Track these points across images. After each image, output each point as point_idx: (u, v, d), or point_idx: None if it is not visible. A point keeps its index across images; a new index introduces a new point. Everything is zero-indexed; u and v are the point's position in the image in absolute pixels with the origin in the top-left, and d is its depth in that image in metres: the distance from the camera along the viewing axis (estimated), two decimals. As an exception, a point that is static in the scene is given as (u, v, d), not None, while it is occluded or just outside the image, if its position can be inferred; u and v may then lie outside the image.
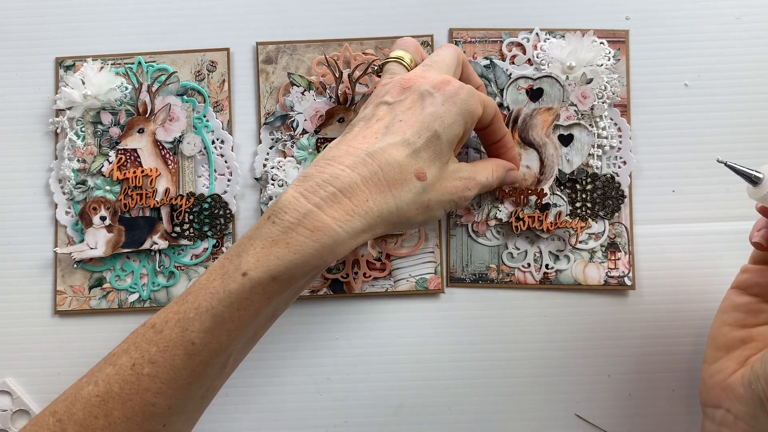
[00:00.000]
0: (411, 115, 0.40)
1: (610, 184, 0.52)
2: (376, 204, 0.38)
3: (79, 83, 0.52)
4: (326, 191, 0.37)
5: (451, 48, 0.45)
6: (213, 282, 0.37)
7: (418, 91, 0.41)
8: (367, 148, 0.38)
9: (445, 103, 0.40)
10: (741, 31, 0.53)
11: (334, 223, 0.36)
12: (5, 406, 0.52)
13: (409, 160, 0.39)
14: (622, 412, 0.51)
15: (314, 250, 0.36)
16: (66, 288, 0.52)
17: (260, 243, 0.37)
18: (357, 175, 0.37)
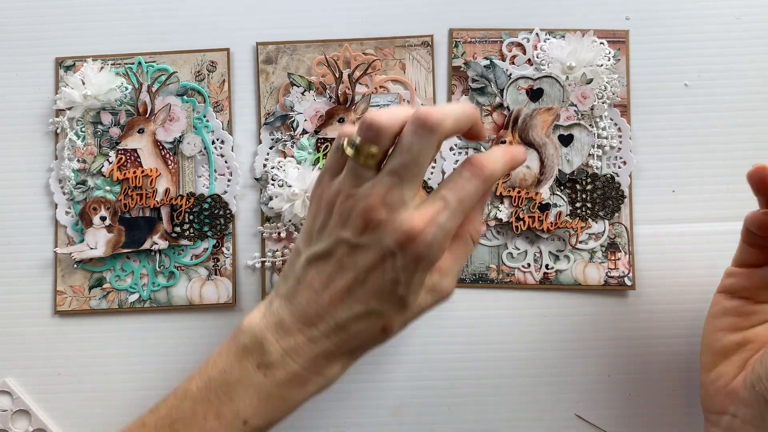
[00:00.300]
0: (372, 279, 0.38)
1: (610, 185, 0.52)
2: (349, 356, 0.41)
3: (79, 83, 0.52)
4: (308, 355, 0.39)
5: (426, 138, 0.37)
6: (208, 420, 0.39)
7: (380, 246, 0.38)
8: (334, 316, 0.39)
9: (405, 268, 0.38)
10: (741, 31, 0.53)
11: (321, 379, 0.40)
12: (5, 406, 0.52)
13: (374, 322, 0.40)
14: (622, 412, 0.51)
15: (308, 395, 0.40)
16: (66, 288, 0.52)
17: (254, 394, 0.39)
18: (330, 342, 0.39)
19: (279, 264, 0.52)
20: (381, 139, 0.38)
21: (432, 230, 0.37)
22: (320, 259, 0.40)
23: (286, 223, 0.52)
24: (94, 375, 0.52)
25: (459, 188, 0.38)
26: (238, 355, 0.40)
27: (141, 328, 0.52)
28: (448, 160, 0.52)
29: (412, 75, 0.53)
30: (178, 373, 0.52)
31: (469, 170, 0.38)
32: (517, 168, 0.48)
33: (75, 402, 0.52)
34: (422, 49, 0.53)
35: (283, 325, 0.40)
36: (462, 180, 0.38)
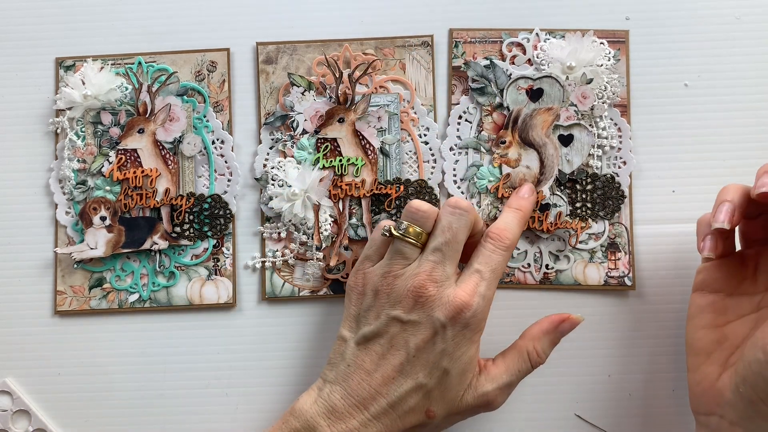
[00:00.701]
0: (423, 353, 0.42)
1: (610, 184, 0.52)
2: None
3: (79, 83, 0.52)
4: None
5: (462, 219, 0.44)
6: None
7: (431, 320, 0.42)
8: (387, 396, 0.42)
9: (455, 337, 0.42)
10: (741, 31, 0.53)
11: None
12: (5, 406, 0.52)
13: (422, 402, 0.42)
14: (622, 412, 0.51)
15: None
16: (66, 288, 0.52)
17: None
18: (381, 425, 0.42)
19: (279, 264, 0.52)
20: (426, 221, 0.44)
21: (476, 300, 0.42)
22: (371, 340, 0.43)
23: (286, 223, 0.52)
24: (94, 375, 0.52)
25: (488, 260, 0.44)
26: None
27: (141, 328, 0.52)
28: (448, 161, 0.52)
29: (412, 75, 0.53)
30: (177, 373, 0.52)
31: (492, 242, 0.44)
32: (517, 169, 0.50)
33: (75, 402, 0.52)
34: (422, 49, 0.53)
35: (335, 410, 0.42)
36: (488, 252, 0.44)
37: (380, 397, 0.42)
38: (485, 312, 0.43)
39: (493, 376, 0.44)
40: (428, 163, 0.53)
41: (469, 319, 0.42)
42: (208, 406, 0.52)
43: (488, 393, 0.44)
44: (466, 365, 0.43)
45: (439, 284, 0.43)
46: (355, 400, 0.42)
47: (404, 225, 0.44)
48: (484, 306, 0.43)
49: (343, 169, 0.52)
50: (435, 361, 0.42)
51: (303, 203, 0.51)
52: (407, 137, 0.53)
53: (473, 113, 0.53)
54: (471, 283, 0.43)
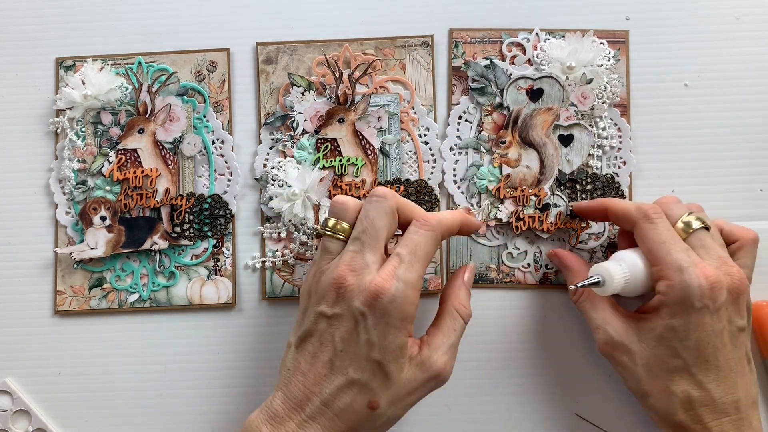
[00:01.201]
0: (349, 346, 0.41)
1: (610, 184, 0.52)
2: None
3: (79, 83, 0.52)
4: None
5: (379, 204, 0.42)
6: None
7: (351, 310, 0.41)
8: (320, 394, 0.41)
9: (377, 326, 0.40)
10: (741, 31, 0.53)
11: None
12: (5, 406, 0.52)
13: (358, 397, 0.41)
14: (622, 412, 0.51)
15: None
16: (66, 288, 0.52)
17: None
18: (318, 426, 0.40)
19: (279, 264, 0.52)
20: (347, 213, 0.43)
21: (392, 284, 0.40)
22: (305, 340, 0.42)
23: (286, 223, 0.52)
24: (94, 375, 0.52)
25: (408, 241, 0.42)
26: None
27: (141, 328, 0.52)
28: (448, 161, 0.52)
29: (412, 75, 0.53)
30: (177, 373, 0.52)
31: (414, 225, 0.43)
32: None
33: (75, 402, 0.52)
34: (422, 49, 0.53)
35: (276, 415, 0.41)
36: (410, 234, 0.42)
37: (314, 396, 0.41)
38: (407, 296, 0.41)
39: (435, 345, 0.43)
40: (428, 163, 0.53)
41: (387, 304, 0.40)
42: (208, 406, 0.52)
43: (436, 360, 0.42)
44: (397, 353, 0.41)
45: (357, 273, 0.41)
46: (293, 403, 0.41)
47: (327, 221, 0.43)
48: (404, 290, 0.40)
49: (343, 169, 0.52)
50: (364, 353, 0.40)
51: (303, 203, 0.51)
52: (407, 137, 0.53)
53: (473, 113, 0.53)
54: (389, 267, 0.41)
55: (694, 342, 0.42)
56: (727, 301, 0.42)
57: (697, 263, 0.42)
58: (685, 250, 0.43)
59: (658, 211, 0.44)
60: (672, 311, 0.42)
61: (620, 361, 0.45)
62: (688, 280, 0.41)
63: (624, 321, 0.45)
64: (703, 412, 0.42)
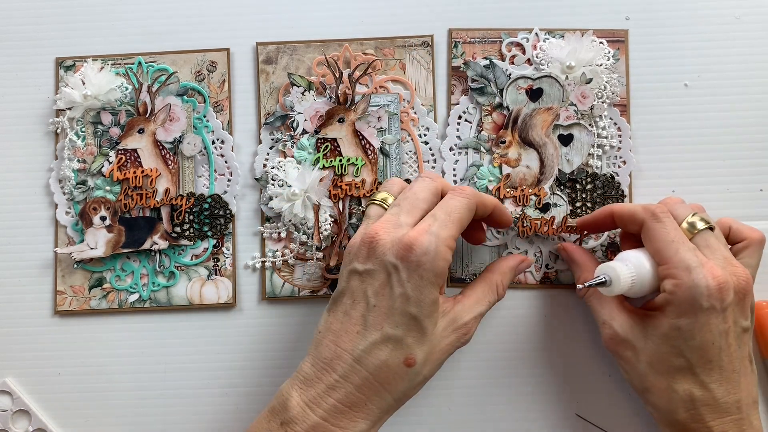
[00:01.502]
0: (383, 300, 0.41)
1: (610, 184, 0.52)
2: (375, 404, 0.40)
3: (79, 83, 0.52)
4: (328, 403, 0.40)
5: (425, 181, 0.44)
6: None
7: (383, 264, 0.41)
8: (352, 351, 0.40)
9: (410, 279, 0.40)
10: (741, 31, 0.53)
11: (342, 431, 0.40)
12: (5, 406, 0.52)
13: (394, 353, 0.40)
14: (622, 412, 0.51)
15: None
16: (66, 288, 0.52)
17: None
18: (351, 385, 0.40)
19: (279, 264, 0.52)
20: (393, 186, 0.45)
21: (426, 237, 0.40)
22: (336, 301, 0.42)
23: (286, 223, 0.52)
24: (94, 375, 0.52)
25: (444, 204, 0.43)
26: (267, 417, 0.41)
27: (141, 328, 0.52)
28: (448, 161, 0.52)
29: (412, 75, 0.53)
30: (177, 373, 0.52)
31: (450, 192, 0.44)
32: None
33: (75, 402, 0.52)
34: (422, 49, 0.53)
35: (307, 378, 0.41)
36: (445, 199, 0.43)
37: (345, 354, 0.40)
38: (440, 251, 0.41)
39: (468, 307, 0.44)
40: (428, 163, 0.53)
41: (420, 257, 0.40)
42: (208, 406, 0.52)
43: (467, 323, 0.43)
44: (431, 307, 0.41)
45: (390, 230, 0.41)
46: (323, 364, 0.41)
47: (376, 193, 0.45)
48: (437, 244, 0.40)
49: (343, 169, 0.52)
50: (399, 307, 0.40)
51: (303, 203, 0.51)
52: (407, 137, 0.53)
53: (473, 113, 0.53)
54: (423, 224, 0.42)
55: (699, 342, 0.42)
56: (734, 302, 0.42)
57: (705, 263, 0.42)
58: (692, 250, 0.43)
59: (665, 210, 0.44)
60: (679, 310, 0.42)
61: (624, 356, 0.45)
62: (697, 279, 0.41)
63: (630, 317, 0.45)
64: (704, 411, 0.42)
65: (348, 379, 0.40)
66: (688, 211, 0.45)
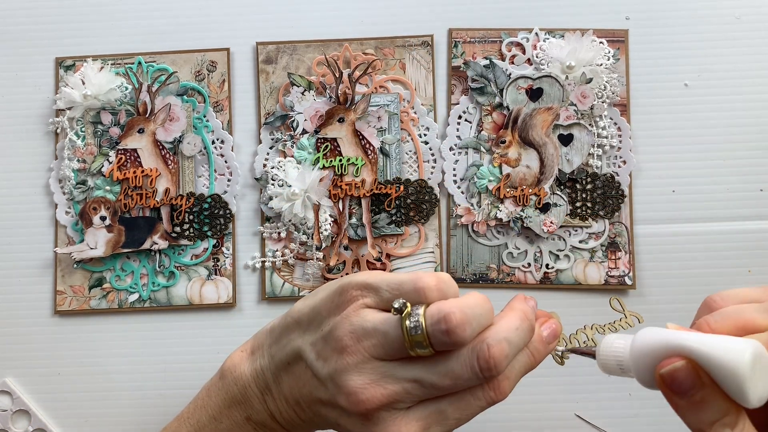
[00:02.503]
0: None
1: (609, 184, 0.52)
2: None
3: (79, 83, 0.52)
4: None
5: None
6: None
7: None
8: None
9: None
10: (741, 31, 0.53)
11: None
12: (5, 406, 0.52)
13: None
14: (622, 412, 0.51)
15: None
16: (66, 288, 0.52)
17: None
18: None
19: (279, 264, 0.52)
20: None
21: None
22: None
23: (286, 223, 0.52)
24: (94, 375, 0.52)
25: (466, 408, 0.36)
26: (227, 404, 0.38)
27: (141, 328, 0.52)
28: (448, 160, 0.52)
29: (412, 75, 0.53)
30: (177, 373, 0.52)
31: (484, 393, 0.36)
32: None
33: (75, 402, 0.52)
34: (422, 49, 0.53)
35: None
36: (475, 402, 0.36)
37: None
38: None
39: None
40: (428, 162, 0.53)
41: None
42: None
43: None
44: None
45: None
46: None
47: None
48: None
49: (343, 168, 0.52)
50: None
51: (303, 203, 0.51)
52: (407, 137, 0.53)
53: (473, 113, 0.53)
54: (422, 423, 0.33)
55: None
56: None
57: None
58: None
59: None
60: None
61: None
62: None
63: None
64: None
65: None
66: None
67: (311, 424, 0.36)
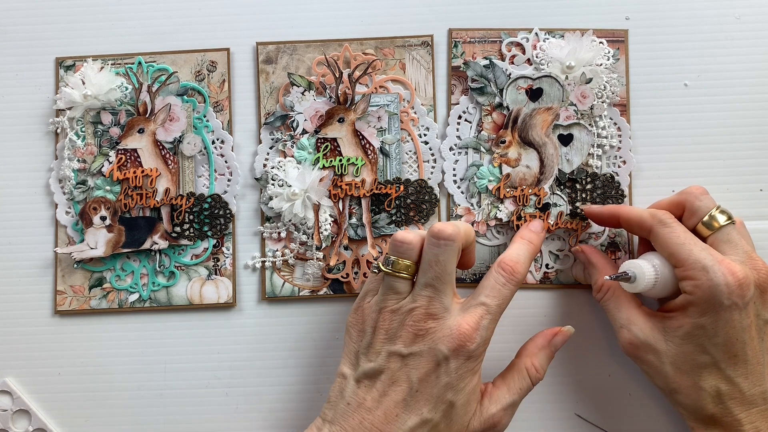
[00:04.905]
0: (426, 386, 0.41)
1: (609, 184, 0.52)
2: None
3: (79, 83, 0.52)
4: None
5: (447, 248, 0.42)
6: None
7: (433, 353, 0.41)
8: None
9: (459, 369, 0.41)
10: (741, 31, 0.53)
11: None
12: (5, 406, 0.52)
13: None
14: (622, 412, 0.51)
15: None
16: (66, 288, 0.52)
17: None
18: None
19: (279, 264, 0.52)
20: (412, 252, 0.43)
21: (480, 333, 0.42)
22: (371, 377, 0.42)
23: (286, 223, 0.52)
24: (94, 375, 0.52)
25: (497, 293, 0.43)
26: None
27: (141, 328, 0.52)
28: (448, 160, 0.52)
29: (412, 75, 0.53)
30: (178, 373, 0.52)
31: (502, 275, 0.43)
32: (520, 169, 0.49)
33: (75, 402, 0.52)
34: (422, 49, 0.53)
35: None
36: (499, 285, 0.43)
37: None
38: (488, 343, 0.43)
39: (497, 398, 0.44)
40: (428, 162, 0.53)
41: (473, 351, 0.41)
42: (208, 406, 0.52)
43: (494, 415, 0.43)
44: (470, 395, 0.42)
45: (438, 318, 0.42)
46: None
47: (392, 259, 0.43)
48: (486, 337, 0.42)
49: (343, 168, 0.52)
50: (439, 394, 0.41)
51: (303, 203, 0.51)
52: (407, 137, 0.53)
53: (473, 113, 0.53)
54: (476, 315, 0.42)
55: (723, 338, 0.42)
56: (755, 296, 0.42)
57: (721, 261, 0.42)
58: (705, 249, 0.43)
59: (671, 215, 0.45)
60: (700, 310, 0.42)
61: (646, 360, 0.45)
62: (715, 278, 0.41)
63: (649, 320, 0.45)
64: (732, 404, 0.43)
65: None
66: (711, 205, 0.45)
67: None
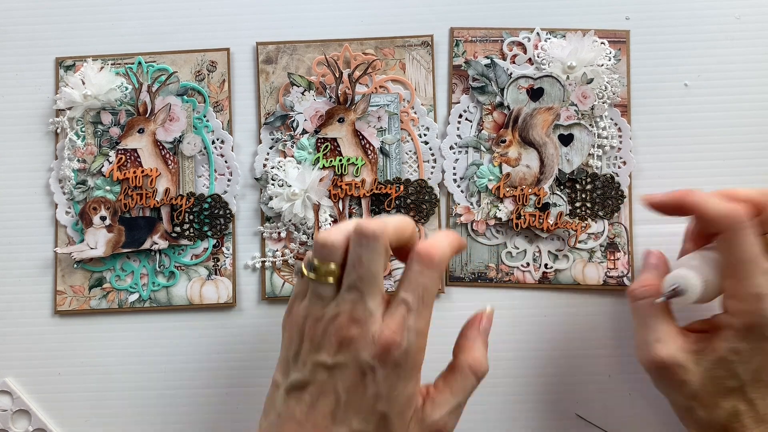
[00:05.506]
0: (354, 397, 0.38)
1: (609, 184, 0.52)
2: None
3: (79, 83, 0.52)
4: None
5: (371, 248, 0.38)
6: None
7: (357, 362, 0.38)
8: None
9: (387, 378, 0.38)
10: (741, 31, 0.53)
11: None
12: (5, 406, 0.52)
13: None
14: (622, 412, 0.51)
15: None
16: (66, 288, 0.52)
17: None
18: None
19: (279, 264, 0.52)
20: (334, 254, 0.39)
21: (404, 336, 0.38)
22: (300, 388, 0.39)
23: (286, 223, 0.52)
24: (94, 375, 0.52)
25: (415, 285, 0.39)
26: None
27: (141, 328, 0.52)
28: (448, 159, 0.52)
29: (412, 75, 0.53)
30: (178, 373, 0.52)
31: (418, 263, 0.39)
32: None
33: (75, 402, 0.52)
34: (422, 48, 0.53)
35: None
36: (415, 275, 0.39)
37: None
38: (419, 345, 0.38)
39: (440, 402, 0.40)
40: (428, 162, 0.53)
41: (400, 357, 0.37)
42: (208, 406, 0.52)
43: (437, 421, 0.39)
44: (405, 405, 0.38)
45: (361, 323, 0.38)
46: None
47: (314, 264, 0.39)
48: (415, 340, 0.38)
49: (343, 168, 0.52)
50: (369, 405, 0.38)
51: (303, 203, 0.51)
52: (407, 137, 0.53)
53: (473, 112, 0.53)
54: (398, 317, 0.38)
55: (756, 365, 0.40)
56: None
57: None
58: (765, 274, 0.40)
59: (749, 220, 0.41)
60: (740, 335, 0.40)
61: (669, 378, 0.43)
62: (765, 311, 0.40)
63: (681, 338, 0.43)
64: (747, 421, 0.41)
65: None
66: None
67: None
